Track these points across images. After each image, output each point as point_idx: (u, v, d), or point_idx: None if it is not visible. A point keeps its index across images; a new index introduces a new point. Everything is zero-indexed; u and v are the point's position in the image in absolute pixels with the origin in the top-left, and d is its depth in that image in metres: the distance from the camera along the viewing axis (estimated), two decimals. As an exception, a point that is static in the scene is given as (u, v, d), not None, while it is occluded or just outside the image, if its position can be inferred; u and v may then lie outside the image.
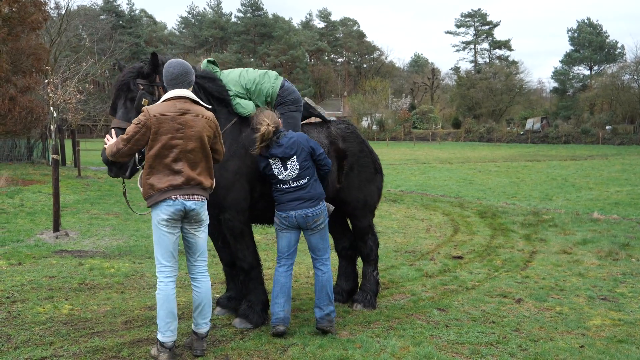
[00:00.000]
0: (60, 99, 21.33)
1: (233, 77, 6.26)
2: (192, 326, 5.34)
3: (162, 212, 4.96)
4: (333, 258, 7.35)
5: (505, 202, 16.61)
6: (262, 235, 11.50)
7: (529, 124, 72.52)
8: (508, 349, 5.51)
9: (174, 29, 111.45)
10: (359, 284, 7.12)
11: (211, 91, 6.04)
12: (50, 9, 25.57)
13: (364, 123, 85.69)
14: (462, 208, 15.67)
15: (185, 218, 5.08)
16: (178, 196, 4.95)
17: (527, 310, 6.80)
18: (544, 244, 10.87)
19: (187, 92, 5.08)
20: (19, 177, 21.30)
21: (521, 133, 70.50)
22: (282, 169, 5.86)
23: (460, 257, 9.72)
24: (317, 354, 5.31)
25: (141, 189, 5.09)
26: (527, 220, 13.34)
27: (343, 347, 5.45)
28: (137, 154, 5.20)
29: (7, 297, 6.97)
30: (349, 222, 7.24)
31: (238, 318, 6.16)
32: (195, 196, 5.03)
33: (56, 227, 11.04)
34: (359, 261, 7.34)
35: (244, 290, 6.31)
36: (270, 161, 5.88)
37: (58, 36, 31.05)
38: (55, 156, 11.33)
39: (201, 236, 5.22)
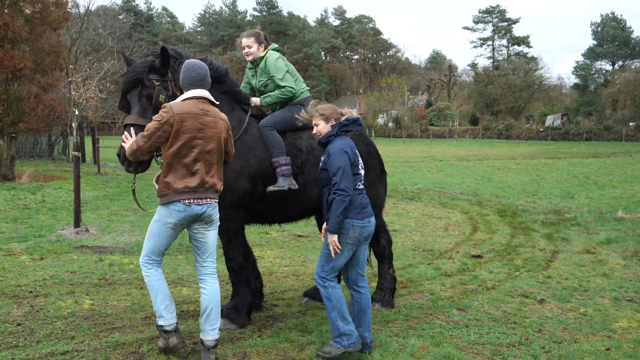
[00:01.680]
0: (82, 98, 21.50)
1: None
2: (200, 334, 5.13)
3: (172, 215, 4.92)
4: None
5: (525, 200, 16.48)
6: (279, 232, 11.51)
7: (549, 120, 71.98)
8: (531, 351, 5.46)
9: (191, 28, 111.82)
10: (378, 284, 7.07)
11: (235, 91, 6.12)
12: (71, 8, 25.74)
13: (380, 120, 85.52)
14: (481, 206, 15.57)
15: (196, 220, 5.03)
16: (192, 201, 4.89)
17: (550, 311, 6.74)
18: (566, 243, 10.77)
19: (207, 93, 5.06)
20: (40, 174, 21.52)
21: (541, 130, 70.00)
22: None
23: (479, 256, 9.65)
24: (336, 353, 5.29)
25: (156, 186, 5.07)
26: (549, 219, 13.22)
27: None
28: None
29: (30, 292, 7.03)
30: None
31: (222, 319, 5.97)
32: (208, 199, 4.98)
33: (77, 223, 11.12)
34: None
35: (232, 290, 6.28)
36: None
37: (79, 35, 31.26)
38: (76, 153, 11.40)
39: (211, 236, 5.15)
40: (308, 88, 6.80)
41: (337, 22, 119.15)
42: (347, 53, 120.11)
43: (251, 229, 10.07)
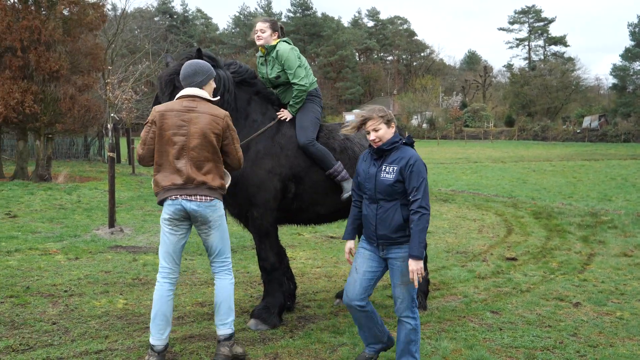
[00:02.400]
0: (118, 99, 21.80)
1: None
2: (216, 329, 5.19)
3: (165, 211, 4.94)
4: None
5: (561, 203, 16.23)
6: (311, 234, 11.50)
7: (586, 121, 70.81)
8: (565, 355, 5.36)
9: (225, 29, 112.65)
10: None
11: (266, 92, 6.15)
12: (108, 10, 26.17)
13: (414, 121, 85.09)
14: (516, 208, 15.38)
15: (191, 219, 5.00)
16: (178, 196, 4.87)
17: (586, 315, 6.62)
18: (602, 246, 10.58)
19: (197, 91, 5.01)
20: (76, 174, 21.86)
21: (578, 131, 68.85)
22: None
23: (514, 259, 9.53)
24: (368, 355, 5.26)
25: (153, 186, 5.13)
26: (585, 222, 13.00)
27: (393, 349, 5.38)
28: None
29: (65, 291, 7.12)
30: None
31: (253, 319, 6.03)
32: (199, 197, 4.89)
33: (111, 223, 11.25)
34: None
35: (263, 291, 6.28)
36: None
37: (115, 37, 31.71)
38: (111, 154, 11.54)
39: (214, 236, 5.07)
40: (316, 79, 6.73)
41: (371, 24, 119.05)
42: (381, 54, 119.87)
43: (283, 230, 10.09)
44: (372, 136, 4.77)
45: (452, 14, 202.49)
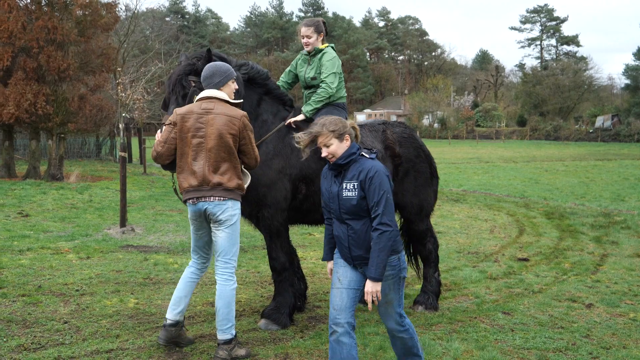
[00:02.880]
0: (129, 99, 21.89)
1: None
2: None
3: (189, 211, 5.17)
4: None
5: (573, 203, 16.15)
6: (322, 234, 11.47)
7: (599, 121, 70.44)
8: (578, 357, 5.32)
9: (236, 29, 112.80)
10: (422, 287, 6.98)
11: (278, 93, 6.14)
12: (121, 10, 26.27)
13: (425, 121, 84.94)
14: (528, 208, 15.31)
15: (208, 218, 5.12)
16: (195, 200, 5.04)
17: (598, 316, 6.57)
18: (615, 247, 10.51)
19: (216, 92, 5.10)
20: (88, 174, 21.95)
21: (590, 131, 68.49)
22: None
23: (526, 259, 9.48)
24: (377, 356, 5.25)
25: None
26: (598, 222, 12.92)
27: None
28: None
29: (77, 290, 7.14)
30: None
31: (264, 319, 6.03)
32: (213, 197, 5.00)
33: (123, 222, 11.29)
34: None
35: (274, 291, 6.28)
36: None
37: (126, 37, 31.83)
38: (122, 153, 11.57)
39: (220, 235, 5.11)
40: (345, 93, 6.74)
41: (381, 24, 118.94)
42: (392, 54, 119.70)
43: (294, 230, 10.08)
44: (324, 153, 4.40)
45: (463, 14, 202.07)
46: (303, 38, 6.49)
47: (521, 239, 11.28)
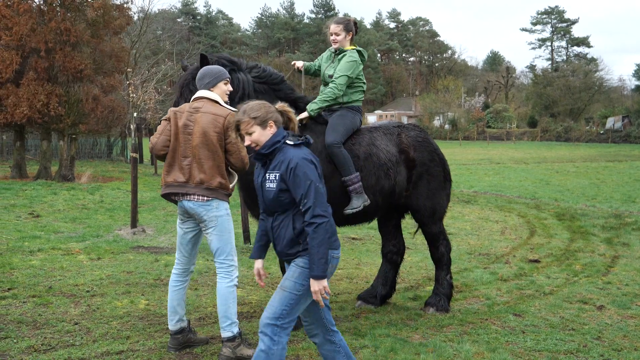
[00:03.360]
0: (140, 100, 21.97)
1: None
2: None
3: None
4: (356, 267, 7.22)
5: (584, 204, 16.07)
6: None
7: (610, 122, 70.04)
8: (589, 358, 5.29)
9: (247, 30, 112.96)
10: (434, 289, 6.96)
11: (292, 97, 6.16)
12: (134, 13, 26.42)
13: (436, 122, 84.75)
14: (539, 210, 15.24)
15: (195, 218, 5.19)
16: (180, 196, 5.12)
17: (610, 318, 6.53)
18: (627, 249, 10.45)
19: (205, 92, 5.21)
20: (99, 174, 22.05)
21: (601, 132, 68.10)
22: None
23: (537, 261, 9.44)
24: (388, 357, 5.23)
25: None
26: (609, 224, 12.85)
27: (415, 351, 5.34)
28: None
29: (87, 291, 7.16)
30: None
31: None
32: (196, 196, 5.06)
33: (134, 223, 11.32)
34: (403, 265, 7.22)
35: None
36: None
37: (138, 39, 31.96)
38: (134, 154, 11.61)
39: (210, 237, 5.18)
40: (362, 97, 6.73)
41: (392, 25, 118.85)
42: (403, 55, 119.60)
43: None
44: (246, 141, 4.10)
45: (474, 15, 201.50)
46: (331, 35, 6.52)
47: (532, 241, 11.23)
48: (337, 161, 6.06)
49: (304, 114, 6.21)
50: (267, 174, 4.03)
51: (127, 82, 22.61)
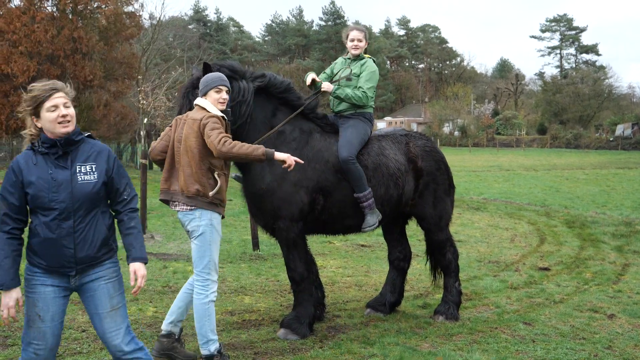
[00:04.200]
0: (151, 106, 22.08)
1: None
2: None
3: None
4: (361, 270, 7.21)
5: (594, 212, 15.97)
6: (342, 242, 11.45)
7: (619, 130, 69.74)
8: (600, 368, 5.25)
9: (258, 37, 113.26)
10: (443, 296, 6.93)
11: (299, 104, 6.18)
12: (145, 20, 26.57)
13: (446, 129, 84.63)
14: (549, 217, 15.17)
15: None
16: (171, 204, 5.15)
17: (620, 327, 6.48)
18: (637, 256, 10.38)
19: (198, 100, 5.21)
20: (108, 181, 22.08)
21: (611, 139, 67.80)
22: None
23: (547, 269, 9.39)
24: (398, 366, 5.21)
25: None
26: (619, 231, 12.77)
27: (425, 360, 5.32)
28: None
29: (95, 298, 7.15)
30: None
31: (283, 329, 5.99)
32: (180, 205, 5.06)
33: (143, 229, 11.33)
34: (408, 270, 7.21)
35: (294, 301, 6.26)
36: None
37: (149, 45, 32.11)
38: (143, 160, 11.65)
39: (192, 245, 5.12)
40: (373, 104, 6.75)
41: (401, 32, 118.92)
42: (413, 62, 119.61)
43: (314, 237, 10.05)
44: (62, 111, 3.58)
45: (483, 22, 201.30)
46: (353, 41, 6.55)
47: (542, 248, 11.18)
48: (352, 177, 6.03)
49: (327, 85, 6.33)
50: (78, 166, 3.64)
51: (138, 89, 22.74)
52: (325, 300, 6.76)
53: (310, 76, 6.53)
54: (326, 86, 6.36)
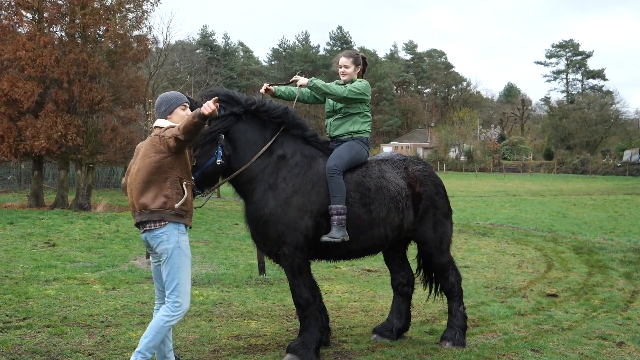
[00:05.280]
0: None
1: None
2: None
3: None
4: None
5: (602, 238, 15.89)
6: (348, 267, 11.41)
7: (627, 155, 69.69)
8: (609, 397, 5.19)
9: (265, 62, 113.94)
10: (448, 322, 6.88)
11: (299, 129, 6.24)
12: (151, 43, 26.76)
13: (452, 154, 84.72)
14: (556, 243, 15.10)
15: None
16: (139, 226, 5.11)
17: (630, 355, 6.41)
18: (646, 284, 10.30)
19: (158, 122, 5.23)
20: (115, 204, 22.14)
21: (618, 165, 67.71)
22: None
23: (554, 295, 9.32)
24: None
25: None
26: (628, 257, 12.68)
27: None
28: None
29: (102, 322, 7.15)
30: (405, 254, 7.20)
31: (290, 354, 5.95)
32: (147, 224, 5.02)
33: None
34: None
35: (300, 326, 6.22)
36: None
37: (156, 69, 32.35)
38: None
39: (162, 267, 5.10)
40: (369, 129, 6.76)
41: (408, 57, 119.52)
42: (419, 87, 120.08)
43: (320, 262, 10.02)
44: None
45: (489, 48, 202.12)
46: (340, 67, 6.62)
47: (549, 274, 11.11)
48: (332, 187, 5.97)
49: (302, 79, 6.39)
50: None
51: (146, 113, 22.85)
52: (330, 324, 6.72)
53: (264, 85, 6.61)
54: (302, 80, 6.40)
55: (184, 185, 5.11)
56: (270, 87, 6.67)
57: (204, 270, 10.76)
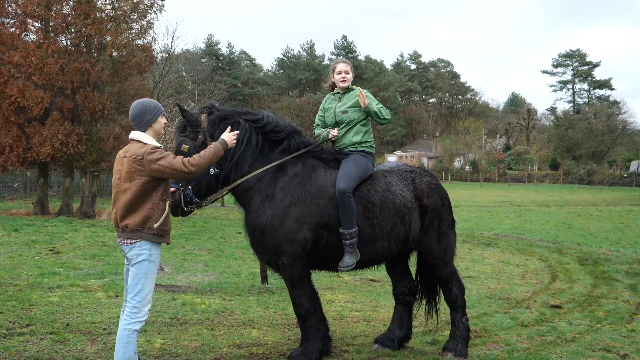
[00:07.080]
0: (162, 139, 22.24)
1: None
2: None
3: None
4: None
5: (608, 249, 15.83)
6: (350, 276, 11.39)
7: (634, 166, 69.48)
8: (612, 409, 5.15)
9: (269, 71, 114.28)
10: (451, 333, 6.85)
11: (303, 144, 6.25)
12: (157, 53, 26.90)
13: (457, 163, 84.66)
14: (561, 254, 15.04)
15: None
16: (119, 240, 5.16)
17: (633, 367, 6.37)
18: (651, 295, 10.25)
19: (132, 134, 5.22)
20: (119, 212, 22.14)
21: (625, 175, 67.50)
22: None
23: (558, 307, 9.28)
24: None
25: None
26: (633, 269, 12.63)
27: None
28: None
29: (104, 329, 7.15)
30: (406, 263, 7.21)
31: None
32: (125, 239, 5.09)
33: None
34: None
35: (301, 335, 6.21)
36: None
37: (161, 78, 32.45)
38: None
39: (130, 273, 5.16)
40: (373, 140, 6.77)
41: (413, 66, 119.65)
42: (423, 96, 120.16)
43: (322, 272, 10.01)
44: None
45: (495, 57, 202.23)
46: (341, 73, 6.63)
47: (554, 285, 11.06)
48: (343, 211, 5.95)
49: (334, 131, 6.40)
50: None
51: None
52: (332, 333, 6.70)
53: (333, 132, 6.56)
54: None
55: (167, 205, 5.19)
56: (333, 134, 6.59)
57: (207, 278, 10.76)
